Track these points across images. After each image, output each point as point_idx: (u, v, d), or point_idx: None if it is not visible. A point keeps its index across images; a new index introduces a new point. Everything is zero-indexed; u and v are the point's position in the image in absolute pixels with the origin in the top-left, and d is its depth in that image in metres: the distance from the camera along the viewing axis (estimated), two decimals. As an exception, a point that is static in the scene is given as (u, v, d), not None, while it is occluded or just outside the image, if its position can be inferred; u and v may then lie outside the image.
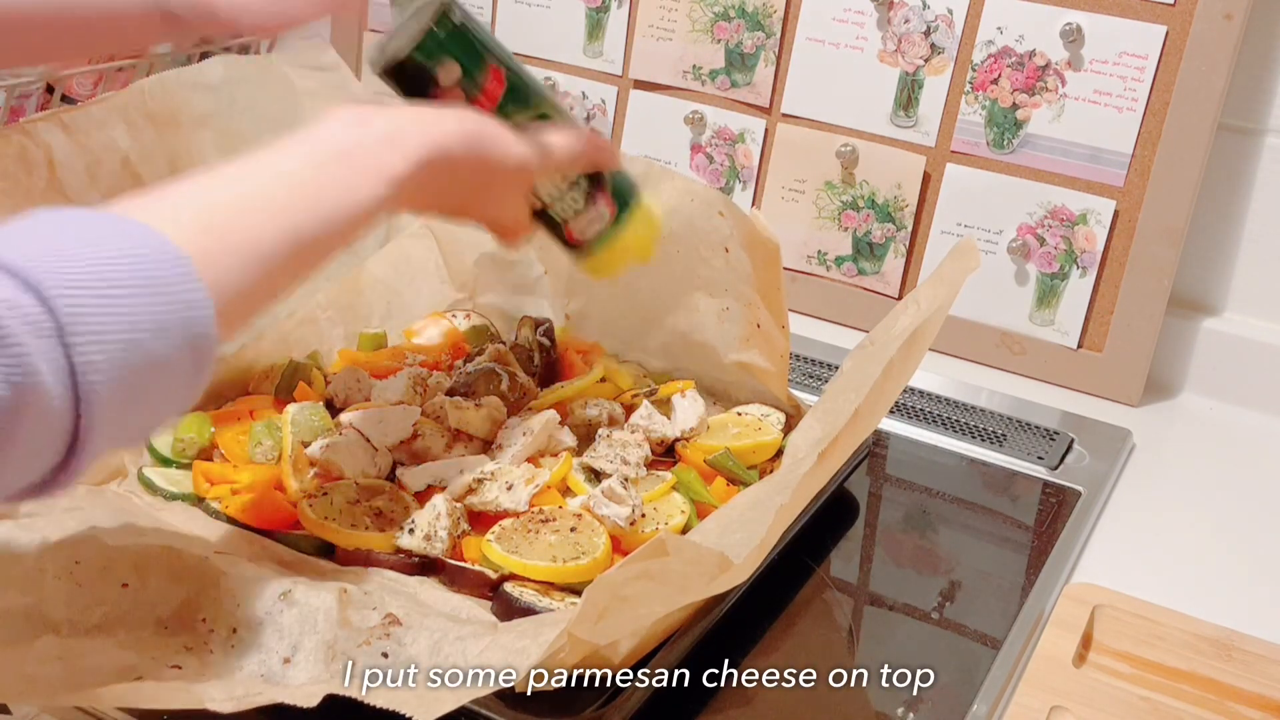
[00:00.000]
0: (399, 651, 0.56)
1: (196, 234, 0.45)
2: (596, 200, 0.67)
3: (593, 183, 0.67)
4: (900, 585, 0.75)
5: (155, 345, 0.42)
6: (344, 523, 0.67)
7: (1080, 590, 0.69)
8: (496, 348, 0.86)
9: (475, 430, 0.76)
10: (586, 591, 0.51)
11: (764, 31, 1.04)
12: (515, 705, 0.54)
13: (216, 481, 0.72)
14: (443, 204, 0.61)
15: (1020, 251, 0.98)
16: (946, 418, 0.92)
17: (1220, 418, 0.96)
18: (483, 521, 0.69)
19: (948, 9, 0.97)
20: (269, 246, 0.48)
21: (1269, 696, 0.63)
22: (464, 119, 0.58)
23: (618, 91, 1.12)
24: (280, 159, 0.51)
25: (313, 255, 0.51)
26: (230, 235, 0.46)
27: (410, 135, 0.55)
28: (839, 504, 0.80)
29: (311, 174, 0.51)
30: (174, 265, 0.43)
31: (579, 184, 0.67)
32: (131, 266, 0.42)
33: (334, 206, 0.51)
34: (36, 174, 0.75)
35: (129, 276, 0.42)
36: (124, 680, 0.53)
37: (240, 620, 0.58)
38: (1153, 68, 0.91)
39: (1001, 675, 0.65)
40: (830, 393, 0.72)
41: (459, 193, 0.60)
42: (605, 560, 0.66)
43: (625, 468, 0.73)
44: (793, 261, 1.06)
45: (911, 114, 1.00)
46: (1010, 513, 0.84)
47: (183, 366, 0.44)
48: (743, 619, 0.66)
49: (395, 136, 0.54)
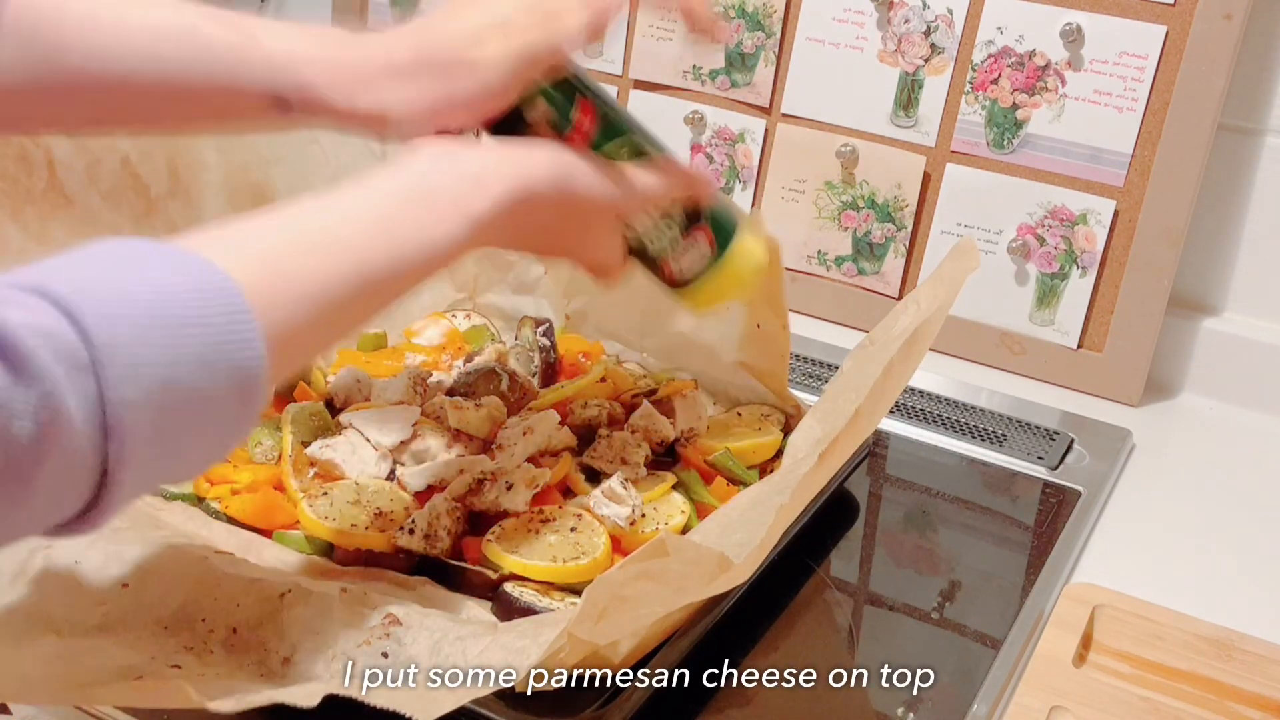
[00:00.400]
0: (399, 651, 0.56)
1: (254, 269, 0.44)
2: (695, 236, 0.65)
3: (690, 218, 0.64)
4: (900, 585, 0.75)
5: (198, 382, 0.40)
6: (344, 523, 0.67)
7: (1080, 590, 0.69)
8: (496, 348, 0.86)
9: (475, 430, 0.76)
10: (586, 591, 0.51)
11: (764, 31, 1.04)
12: (515, 705, 0.55)
13: (216, 481, 0.72)
14: (530, 243, 0.60)
15: (1020, 251, 0.98)
16: (946, 418, 0.92)
17: (1220, 418, 0.96)
18: (483, 521, 0.69)
19: (948, 9, 0.97)
20: (332, 285, 0.46)
21: (1269, 696, 0.63)
22: (554, 156, 0.56)
23: (618, 92, 1.12)
24: (358, 195, 0.50)
25: (381, 295, 0.49)
26: (291, 272, 0.45)
27: (495, 173, 0.53)
28: (839, 504, 0.80)
29: (388, 212, 0.50)
30: (224, 298, 0.42)
31: (676, 220, 0.64)
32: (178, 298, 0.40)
33: (408, 246, 0.49)
34: (36, 174, 0.75)
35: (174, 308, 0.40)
36: (124, 680, 0.53)
37: (240, 620, 0.58)
38: (1153, 68, 0.91)
39: (1001, 675, 0.65)
40: (830, 393, 0.72)
41: (547, 232, 0.58)
42: (605, 560, 0.66)
43: (625, 468, 0.73)
44: (793, 261, 1.06)
45: (911, 114, 1.00)
46: (1010, 513, 0.84)
47: (227, 405, 0.42)
48: (743, 619, 0.66)
49: (480, 175, 0.53)
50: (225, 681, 0.55)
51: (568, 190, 0.56)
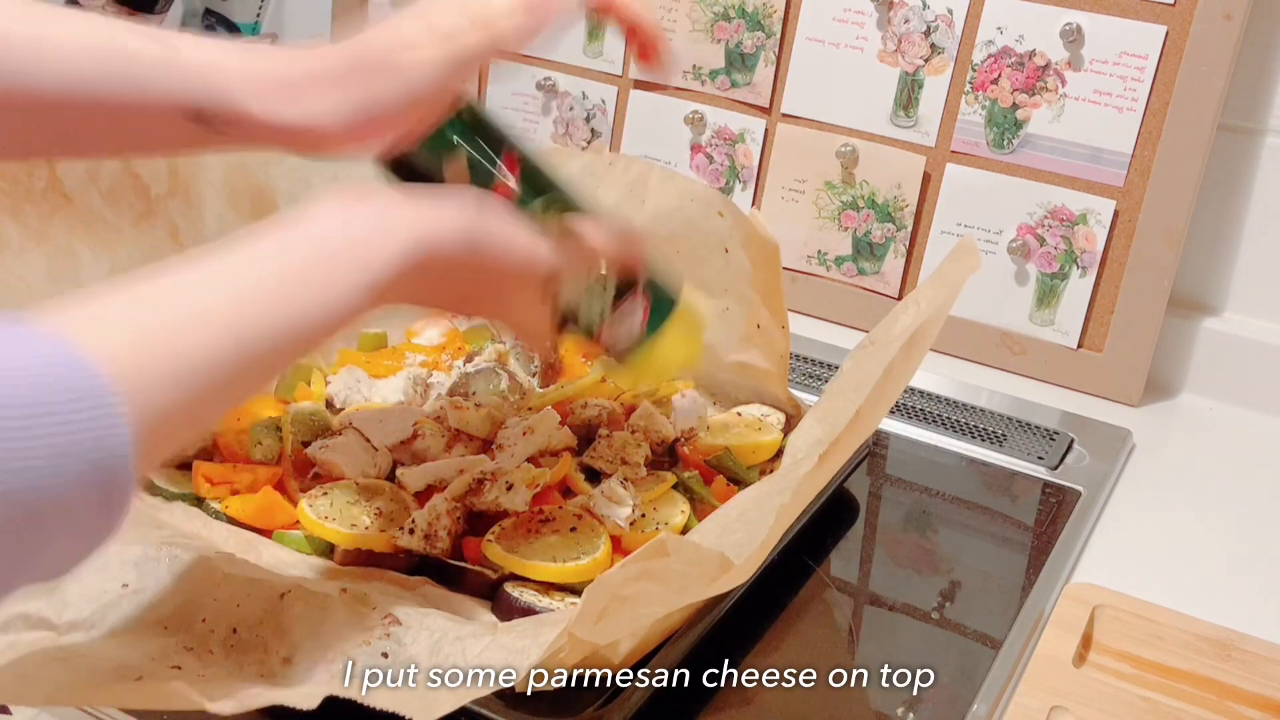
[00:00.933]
0: (399, 651, 0.56)
1: (124, 348, 0.39)
2: (629, 304, 0.60)
3: (624, 286, 0.60)
4: (900, 585, 0.75)
5: (46, 477, 0.35)
6: (344, 523, 0.67)
7: (1080, 590, 0.69)
8: (496, 348, 0.86)
9: (475, 430, 0.76)
10: (586, 591, 0.51)
11: (764, 31, 1.04)
12: (515, 705, 0.54)
13: (216, 481, 0.72)
14: (442, 304, 0.56)
15: (1020, 251, 0.98)
16: (946, 418, 0.92)
17: (1220, 418, 0.96)
18: (483, 521, 0.69)
19: (948, 9, 0.97)
20: (215, 362, 0.42)
21: (1269, 696, 0.63)
22: (465, 214, 0.52)
23: (618, 91, 1.12)
24: (246, 259, 0.46)
25: (272, 365, 0.45)
26: (167, 350, 0.40)
27: (398, 232, 0.49)
28: (839, 504, 0.80)
29: (278, 277, 0.45)
30: (83, 383, 0.36)
31: (609, 287, 0.59)
32: (26, 380, 0.35)
33: (299, 313, 0.45)
34: (36, 175, 0.75)
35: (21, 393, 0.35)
36: (124, 680, 0.53)
37: (240, 620, 0.58)
38: (1153, 68, 0.91)
39: (1001, 675, 0.65)
40: (830, 393, 0.71)
41: (458, 294, 0.55)
42: (605, 560, 0.66)
43: (625, 468, 0.73)
44: (793, 261, 1.06)
45: (911, 114, 1.00)
46: (1010, 513, 0.84)
47: (86, 502, 0.37)
48: (743, 619, 0.66)
49: (382, 233, 0.49)
50: (225, 683, 0.55)
51: (479, 252, 0.52)
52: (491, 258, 0.53)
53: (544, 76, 1.15)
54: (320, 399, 0.80)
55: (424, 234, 0.50)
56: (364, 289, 0.47)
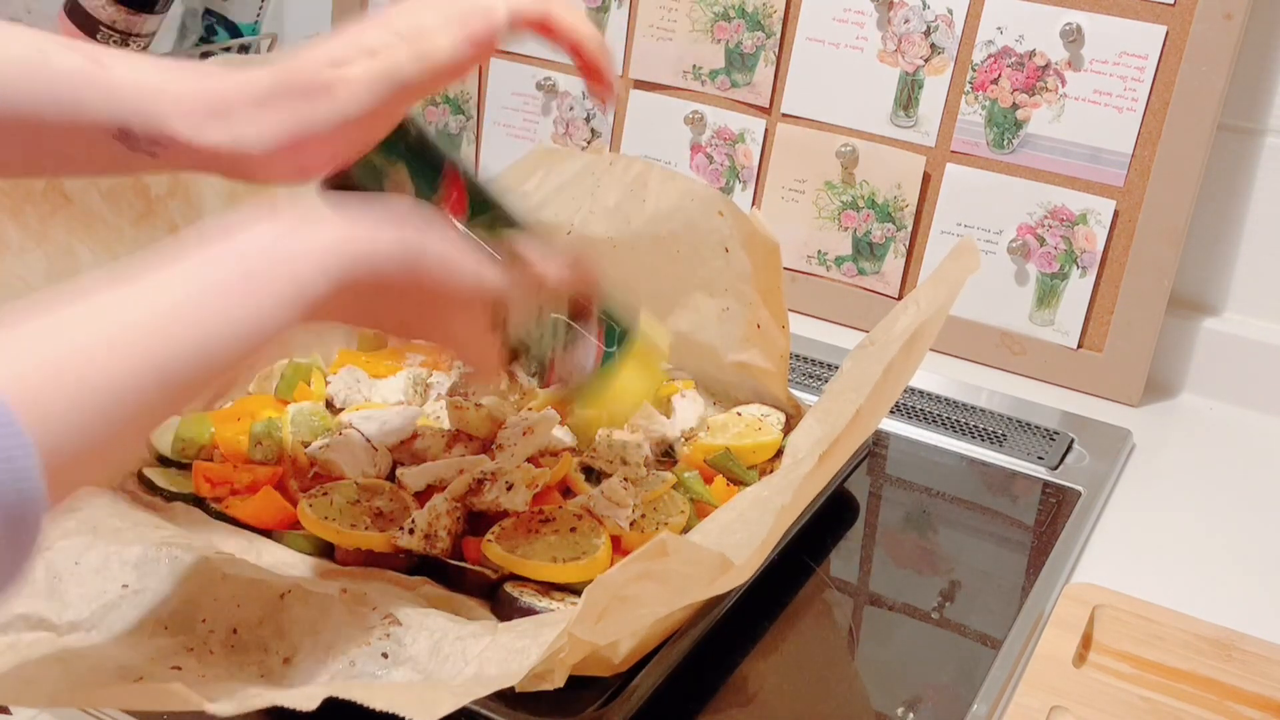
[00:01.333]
0: (399, 652, 0.56)
1: (29, 377, 0.37)
2: (581, 336, 0.57)
3: (576, 314, 0.57)
4: (900, 585, 0.75)
5: None
6: (344, 523, 0.67)
7: (1080, 590, 0.69)
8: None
9: (475, 430, 0.76)
10: (586, 591, 0.51)
11: (764, 31, 1.04)
12: (515, 705, 0.54)
13: (216, 481, 0.72)
14: (380, 324, 0.54)
15: (1020, 251, 0.98)
16: (946, 418, 0.92)
17: (1220, 418, 0.96)
18: (483, 521, 0.69)
19: (948, 9, 0.97)
20: (129, 389, 0.40)
21: (1269, 696, 0.63)
22: (402, 231, 0.50)
23: (617, 92, 1.12)
24: (164, 281, 0.43)
25: (192, 387, 0.43)
26: (74, 375, 0.38)
27: (330, 247, 0.47)
28: (839, 504, 0.80)
29: (198, 298, 0.43)
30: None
31: (559, 315, 0.56)
32: None
33: (221, 335, 0.44)
34: (36, 174, 0.75)
35: None
36: (124, 680, 0.53)
37: (240, 620, 0.58)
38: (1153, 68, 0.91)
39: (1001, 675, 0.65)
40: (830, 393, 0.72)
41: (395, 316, 0.52)
42: (605, 560, 0.66)
43: (625, 468, 0.73)
44: (793, 261, 1.06)
45: (911, 114, 1.00)
46: (1010, 513, 0.84)
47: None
48: (743, 619, 0.66)
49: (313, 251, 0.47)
50: (225, 683, 0.55)
51: (416, 271, 0.50)
52: (431, 278, 0.51)
53: (544, 76, 1.15)
54: (320, 399, 0.80)
55: (358, 251, 0.48)
56: (290, 306, 0.46)
